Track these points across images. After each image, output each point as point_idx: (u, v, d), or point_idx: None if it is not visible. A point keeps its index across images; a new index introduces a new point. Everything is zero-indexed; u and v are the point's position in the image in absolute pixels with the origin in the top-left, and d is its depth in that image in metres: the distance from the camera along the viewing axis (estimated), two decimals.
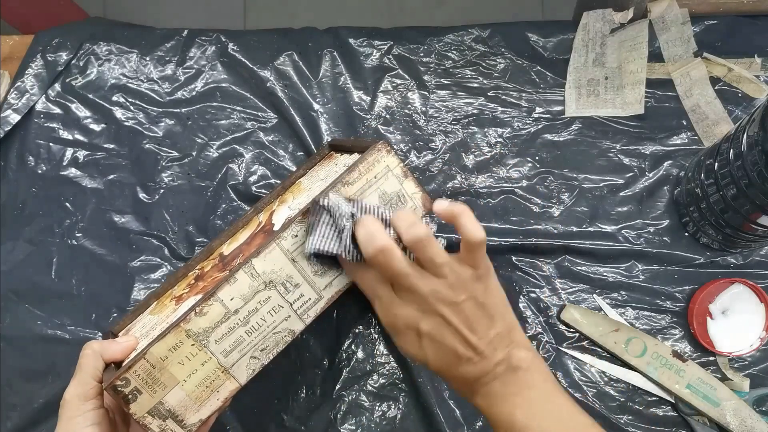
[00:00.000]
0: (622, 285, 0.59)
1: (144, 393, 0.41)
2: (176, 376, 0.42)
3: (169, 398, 0.42)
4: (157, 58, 0.71)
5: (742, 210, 0.50)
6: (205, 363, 0.42)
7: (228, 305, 0.42)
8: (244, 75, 0.69)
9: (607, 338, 0.56)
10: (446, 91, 0.67)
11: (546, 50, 0.68)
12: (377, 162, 0.45)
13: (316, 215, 0.42)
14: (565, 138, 0.64)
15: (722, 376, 0.56)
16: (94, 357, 0.43)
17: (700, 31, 0.66)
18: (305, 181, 0.57)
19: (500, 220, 0.61)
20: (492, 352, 0.39)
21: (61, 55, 0.71)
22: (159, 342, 0.41)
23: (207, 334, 0.42)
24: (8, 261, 0.64)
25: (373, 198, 0.46)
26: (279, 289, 0.44)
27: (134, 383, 0.40)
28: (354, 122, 0.66)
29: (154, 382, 0.41)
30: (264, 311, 0.44)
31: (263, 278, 0.43)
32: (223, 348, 0.43)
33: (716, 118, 0.62)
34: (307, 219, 0.43)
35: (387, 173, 0.46)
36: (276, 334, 0.44)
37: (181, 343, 0.41)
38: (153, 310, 0.53)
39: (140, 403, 0.41)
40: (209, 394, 0.43)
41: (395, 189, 0.46)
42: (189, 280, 0.54)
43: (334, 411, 0.57)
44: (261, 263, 0.43)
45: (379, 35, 0.70)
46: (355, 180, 0.45)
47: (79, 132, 0.69)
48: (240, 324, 0.43)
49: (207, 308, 0.42)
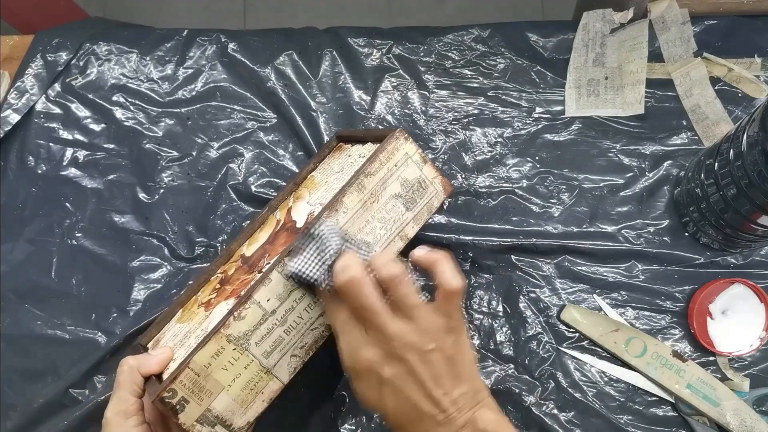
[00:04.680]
0: (622, 285, 0.59)
1: (191, 402, 0.41)
2: (221, 381, 0.42)
3: (215, 404, 0.42)
4: (157, 58, 0.71)
5: (742, 210, 0.50)
6: (247, 366, 0.42)
7: (265, 306, 0.42)
8: (244, 75, 0.69)
9: (607, 338, 0.56)
10: (446, 91, 0.67)
11: (546, 50, 0.68)
12: (396, 150, 0.46)
13: (305, 239, 0.42)
14: (565, 138, 0.64)
15: (722, 376, 0.56)
16: (132, 373, 0.43)
17: (700, 31, 0.66)
18: (318, 175, 0.57)
19: (500, 220, 0.61)
20: (457, 412, 0.37)
21: (61, 55, 0.71)
22: (201, 350, 0.41)
23: (247, 338, 0.42)
24: (8, 261, 0.64)
25: (395, 187, 0.46)
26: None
27: (181, 393, 0.41)
28: (354, 122, 0.66)
29: (200, 390, 0.41)
30: (300, 309, 0.44)
31: None
32: (264, 350, 0.43)
33: (716, 118, 0.62)
34: (294, 241, 0.43)
35: (407, 160, 0.46)
36: (314, 331, 0.45)
37: (223, 349, 0.41)
38: (180, 318, 0.53)
39: (188, 413, 0.41)
40: (254, 396, 0.43)
41: (416, 175, 0.47)
42: (213, 284, 0.54)
43: (334, 411, 0.57)
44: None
45: (379, 35, 0.70)
46: (377, 170, 0.45)
47: (79, 132, 0.69)
48: (278, 324, 0.43)
49: (245, 312, 0.42)
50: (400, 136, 0.46)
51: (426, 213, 0.48)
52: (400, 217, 0.47)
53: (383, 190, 0.46)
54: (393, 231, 0.47)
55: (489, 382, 0.56)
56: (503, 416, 0.39)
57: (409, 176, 0.46)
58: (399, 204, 0.46)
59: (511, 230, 0.61)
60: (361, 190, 0.45)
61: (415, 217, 0.47)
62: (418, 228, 0.48)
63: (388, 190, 0.46)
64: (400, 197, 0.46)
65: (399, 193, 0.46)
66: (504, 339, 0.58)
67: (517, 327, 0.58)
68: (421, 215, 0.48)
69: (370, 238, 0.46)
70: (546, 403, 0.56)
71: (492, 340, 0.58)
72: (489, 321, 0.59)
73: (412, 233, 0.48)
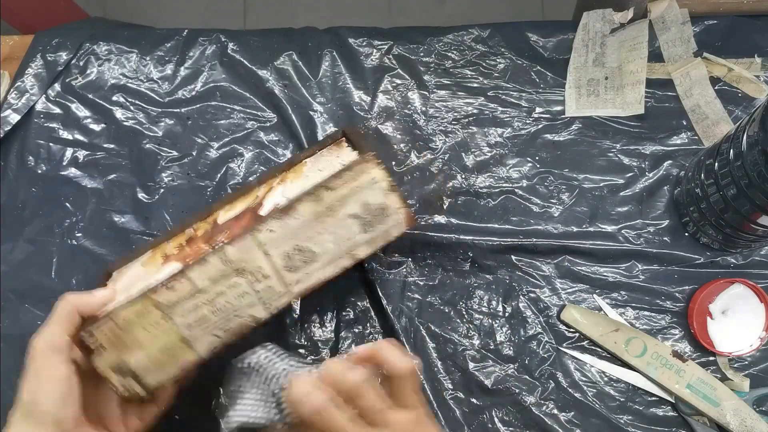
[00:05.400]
0: (622, 285, 0.59)
1: (108, 350, 0.43)
2: (140, 340, 0.43)
3: (131, 359, 0.43)
4: (157, 58, 0.71)
5: (742, 210, 0.50)
6: (168, 333, 0.44)
7: (197, 284, 0.44)
8: (243, 75, 0.69)
9: (607, 338, 0.56)
10: (446, 91, 0.67)
11: (546, 50, 0.68)
12: (363, 172, 0.46)
13: (240, 378, 0.41)
14: (565, 138, 0.64)
15: (722, 376, 0.56)
16: (70, 309, 0.43)
17: (700, 31, 0.66)
18: (309, 164, 0.56)
19: (500, 220, 0.61)
20: None
21: (60, 55, 0.71)
22: (128, 307, 0.43)
23: (173, 308, 0.44)
24: (8, 261, 0.64)
25: (354, 207, 0.45)
26: (248, 277, 0.45)
27: (100, 339, 0.42)
28: (354, 122, 0.66)
29: (118, 341, 0.43)
30: (231, 295, 0.45)
31: (234, 265, 0.44)
32: (188, 322, 0.44)
33: (716, 118, 0.62)
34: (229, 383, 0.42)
35: (372, 185, 0.46)
36: (239, 318, 0.46)
37: (149, 312, 0.43)
38: (145, 262, 0.54)
39: (104, 359, 0.43)
40: (170, 361, 0.45)
41: (379, 201, 0.46)
42: (182, 239, 0.54)
43: None
44: (233, 252, 0.44)
45: (379, 35, 0.70)
46: (338, 186, 0.45)
47: (79, 132, 0.69)
48: (206, 303, 0.44)
49: (177, 284, 0.43)
50: (371, 160, 0.45)
51: (382, 240, 0.48)
52: (353, 237, 0.47)
53: (341, 207, 0.46)
54: (343, 248, 0.47)
55: (489, 382, 0.56)
56: None
57: (372, 200, 0.46)
58: (355, 224, 0.46)
59: (511, 230, 0.61)
60: (318, 202, 0.45)
61: (369, 241, 0.47)
62: (371, 252, 0.48)
63: (347, 208, 0.46)
64: (358, 218, 0.46)
65: (357, 213, 0.46)
66: (504, 339, 0.58)
67: (517, 327, 0.58)
68: (376, 241, 0.48)
69: (317, 249, 0.46)
70: (546, 403, 0.56)
71: (492, 340, 0.58)
72: (489, 321, 0.59)
73: (362, 255, 0.48)
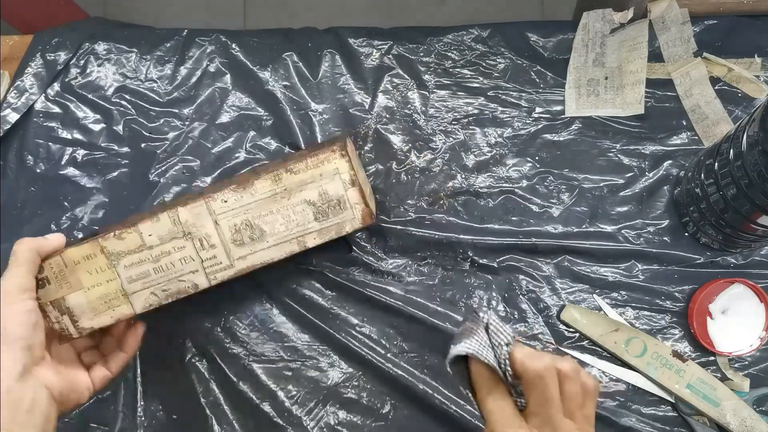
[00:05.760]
0: (622, 285, 0.59)
1: (52, 284, 0.45)
2: (83, 282, 0.45)
3: (70, 298, 0.45)
4: (157, 58, 0.71)
5: (742, 210, 0.50)
6: (110, 281, 0.46)
7: (145, 239, 0.45)
8: (243, 75, 0.69)
9: (607, 338, 0.56)
10: (446, 91, 0.67)
11: (546, 50, 0.68)
12: (327, 161, 0.46)
13: (474, 324, 0.42)
14: (565, 138, 0.64)
15: (722, 376, 0.56)
16: (30, 252, 0.45)
17: (700, 31, 0.66)
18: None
19: (500, 220, 0.61)
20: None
21: (60, 54, 0.71)
22: (76, 247, 0.44)
23: (119, 257, 0.45)
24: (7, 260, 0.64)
25: (311, 194, 0.46)
26: (195, 243, 0.46)
27: (47, 273, 0.45)
28: (354, 122, 0.66)
29: (63, 279, 0.45)
30: (175, 257, 0.46)
31: (183, 227, 0.45)
32: (130, 275, 0.46)
33: (716, 118, 0.62)
34: (462, 324, 0.43)
35: (335, 176, 0.46)
36: (180, 282, 0.47)
37: (95, 256, 0.45)
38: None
39: (47, 291, 0.45)
40: (105, 309, 0.46)
41: (338, 193, 0.46)
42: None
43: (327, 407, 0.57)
44: (185, 213, 0.45)
45: (379, 35, 0.70)
46: (300, 171, 0.45)
47: (79, 131, 0.68)
48: (150, 260, 0.46)
49: (126, 235, 0.45)
50: (337, 151, 0.45)
51: (334, 232, 0.48)
52: (305, 224, 0.47)
53: (298, 191, 0.46)
54: (293, 233, 0.47)
55: None
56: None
57: (331, 191, 0.46)
58: (309, 211, 0.47)
59: (511, 230, 0.61)
60: (277, 181, 0.45)
61: (320, 231, 0.48)
62: (321, 242, 0.48)
63: (304, 193, 0.46)
64: (313, 205, 0.46)
65: (313, 201, 0.46)
66: None
67: (517, 327, 0.58)
68: (328, 232, 0.48)
69: (267, 228, 0.46)
70: None
71: None
72: None
73: (311, 244, 0.48)
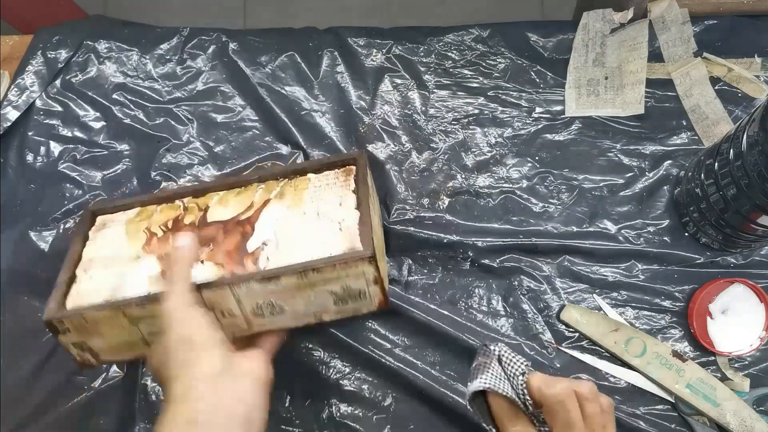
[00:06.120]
0: (622, 285, 0.59)
1: (73, 333, 0.47)
2: (104, 333, 0.47)
3: (92, 342, 0.48)
4: (158, 57, 0.71)
5: (742, 210, 0.50)
6: (131, 334, 0.47)
7: None
8: (244, 74, 0.69)
9: (607, 338, 0.56)
10: (446, 91, 0.67)
11: (546, 50, 0.68)
12: (356, 267, 0.46)
13: (486, 358, 0.46)
14: (565, 138, 0.64)
15: (722, 376, 0.56)
16: (188, 265, 0.44)
17: (700, 31, 0.66)
18: (311, 187, 0.53)
19: (500, 220, 0.61)
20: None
21: (61, 52, 0.71)
22: (99, 311, 0.46)
23: (141, 319, 0.47)
24: (7, 256, 0.63)
25: (335, 287, 0.47)
26: (216, 313, 0.47)
27: (67, 325, 0.47)
28: (354, 122, 0.66)
29: (83, 330, 0.47)
30: None
31: (206, 302, 0.46)
32: (151, 330, 0.47)
33: (716, 118, 0.62)
34: (476, 359, 0.47)
35: (359, 277, 0.46)
36: None
37: (117, 317, 0.46)
38: (130, 223, 0.54)
39: (68, 337, 0.48)
40: (127, 351, 0.48)
41: (360, 287, 0.47)
42: (170, 213, 0.54)
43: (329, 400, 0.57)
44: (209, 294, 0.46)
45: (379, 35, 0.70)
46: (328, 273, 0.46)
47: (79, 129, 0.68)
48: None
49: (148, 305, 0.46)
50: (365, 257, 0.45)
51: (350, 313, 0.49)
52: (324, 306, 0.48)
53: (323, 285, 0.46)
54: (311, 312, 0.48)
55: None
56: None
57: (353, 285, 0.47)
58: (330, 298, 0.47)
59: (511, 230, 0.61)
60: (302, 277, 0.46)
61: (338, 311, 0.48)
62: (336, 318, 0.49)
63: (328, 286, 0.46)
64: (335, 294, 0.47)
65: (336, 291, 0.47)
66: (504, 338, 0.58)
67: (517, 326, 0.58)
68: (345, 312, 0.48)
69: (288, 308, 0.47)
70: None
71: None
72: (489, 321, 0.58)
73: (327, 319, 0.49)
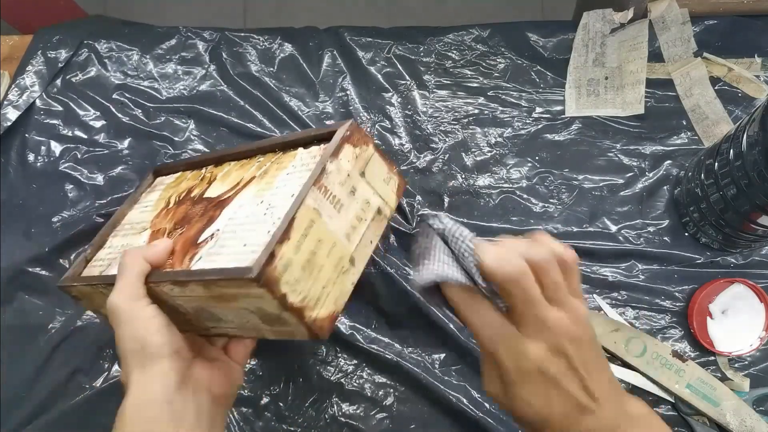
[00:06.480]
0: (622, 285, 0.59)
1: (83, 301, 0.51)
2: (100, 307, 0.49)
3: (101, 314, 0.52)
4: (158, 56, 0.71)
5: (742, 210, 0.50)
6: None
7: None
8: (244, 74, 0.69)
9: (607, 338, 0.56)
10: (446, 91, 0.67)
11: (546, 50, 0.68)
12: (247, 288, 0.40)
13: (429, 239, 0.37)
14: (565, 138, 0.64)
15: (722, 376, 0.56)
16: (140, 262, 0.43)
17: (700, 31, 0.66)
18: (298, 156, 0.49)
19: (500, 220, 0.61)
20: (605, 401, 0.35)
21: (61, 52, 0.71)
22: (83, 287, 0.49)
23: None
24: (8, 255, 0.63)
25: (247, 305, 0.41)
26: (171, 310, 0.44)
27: (75, 293, 0.50)
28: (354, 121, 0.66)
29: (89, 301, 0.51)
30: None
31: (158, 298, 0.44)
32: None
33: (716, 118, 0.62)
34: (416, 242, 0.38)
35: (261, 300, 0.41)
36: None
37: (98, 296, 0.48)
38: (167, 187, 0.55)
39: (83, 304, 0.52)
40: None
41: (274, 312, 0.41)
42: (190, 184, 0.53)
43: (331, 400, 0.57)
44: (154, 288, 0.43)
45: (379, 35, 0.70)
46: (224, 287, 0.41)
47: (79, 129, 0.68)
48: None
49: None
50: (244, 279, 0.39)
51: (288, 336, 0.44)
52: (256, 324, 0.44)
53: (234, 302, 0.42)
54: (250, 326, 0.45)
55: None
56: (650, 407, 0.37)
57: (267, 309, 0.42)
58: (254, 317, 0.43)
59: (511, 230, 0.61)
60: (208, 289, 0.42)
61: (274, 332, 0.45)
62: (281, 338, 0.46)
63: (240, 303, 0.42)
64: (256, 314, 0.43)
65: (253, 311, 0.43)
66: None
67: None
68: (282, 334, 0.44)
69: (222, 317, 0.44)
70: None
71: None
72: None
73: (271, 338, 0.46)
